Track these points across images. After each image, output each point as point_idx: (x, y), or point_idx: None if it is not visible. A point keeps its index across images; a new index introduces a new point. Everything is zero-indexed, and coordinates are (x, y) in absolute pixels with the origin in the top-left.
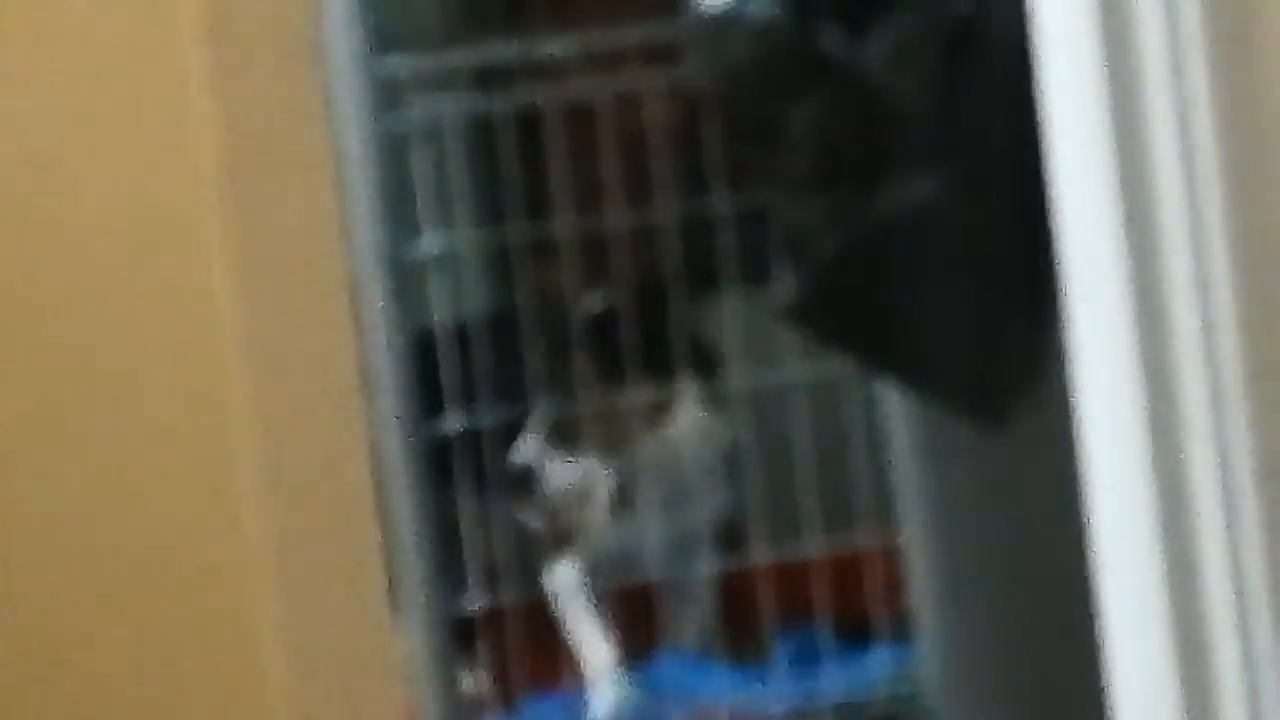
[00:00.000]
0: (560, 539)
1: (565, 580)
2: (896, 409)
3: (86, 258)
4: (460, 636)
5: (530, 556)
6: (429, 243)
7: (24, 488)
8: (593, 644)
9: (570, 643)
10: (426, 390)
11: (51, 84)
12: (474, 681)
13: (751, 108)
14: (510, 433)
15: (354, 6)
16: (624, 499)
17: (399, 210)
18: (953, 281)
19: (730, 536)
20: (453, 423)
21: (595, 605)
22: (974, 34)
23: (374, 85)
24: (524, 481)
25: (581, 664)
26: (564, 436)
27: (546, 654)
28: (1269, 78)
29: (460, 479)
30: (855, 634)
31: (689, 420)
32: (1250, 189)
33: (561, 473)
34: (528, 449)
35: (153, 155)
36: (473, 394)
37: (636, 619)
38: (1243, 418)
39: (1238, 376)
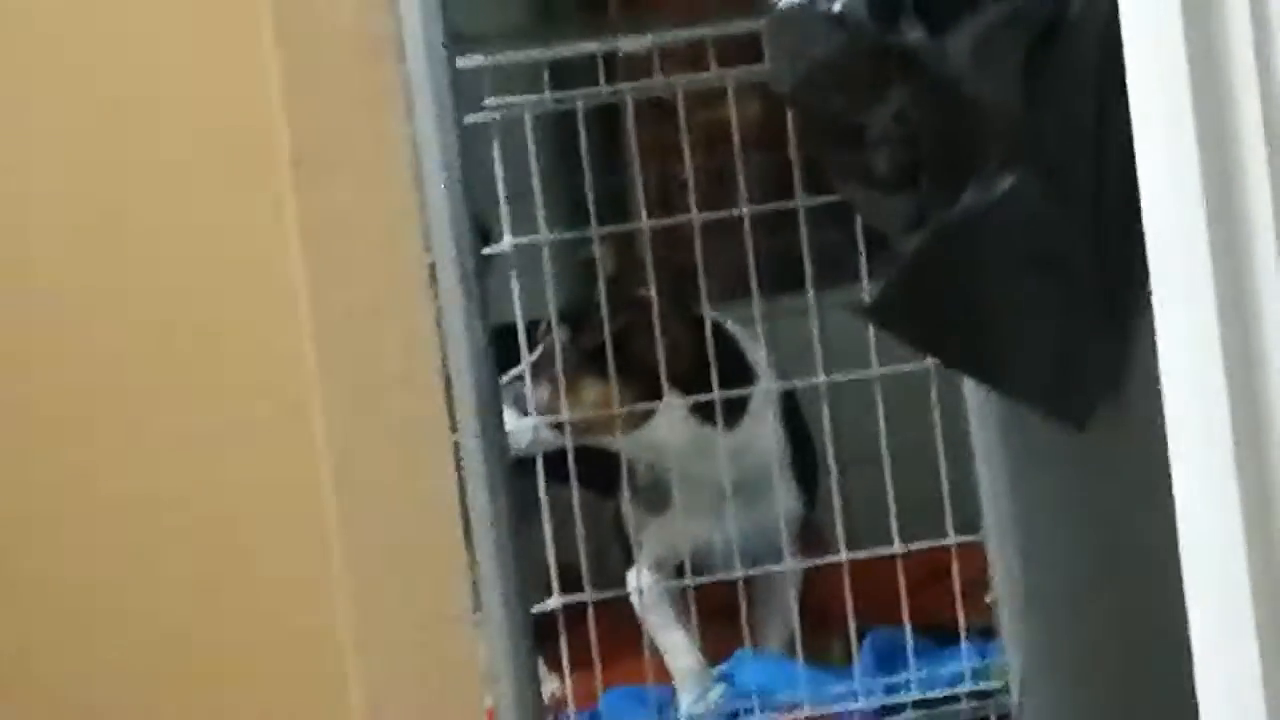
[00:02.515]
0: (640, 537)
1: (646, 579)
2: (978, 408)
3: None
4: (541, 636)
5: (611, 555)
6: (507, 239)
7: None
8: (674, 644)
9: (652, 643)
10: None
11: (127, 92)
12: (555, 681)
13: (831, 104)
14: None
15: (432, 6)
16: (696, 496)
17: (477, 207)
18: (1035, 279)
19: (811, 536)
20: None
21: (676, 605)
22: (1058, 28)
23: (452, 83)
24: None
25: (664, 664)
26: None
27: (628, 654)
28: None
29: (540, 478)
30: (937, 632)
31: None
32: None
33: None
34: None
35: (230, 155)
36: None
37: (718, 619)
38: None
39: None
